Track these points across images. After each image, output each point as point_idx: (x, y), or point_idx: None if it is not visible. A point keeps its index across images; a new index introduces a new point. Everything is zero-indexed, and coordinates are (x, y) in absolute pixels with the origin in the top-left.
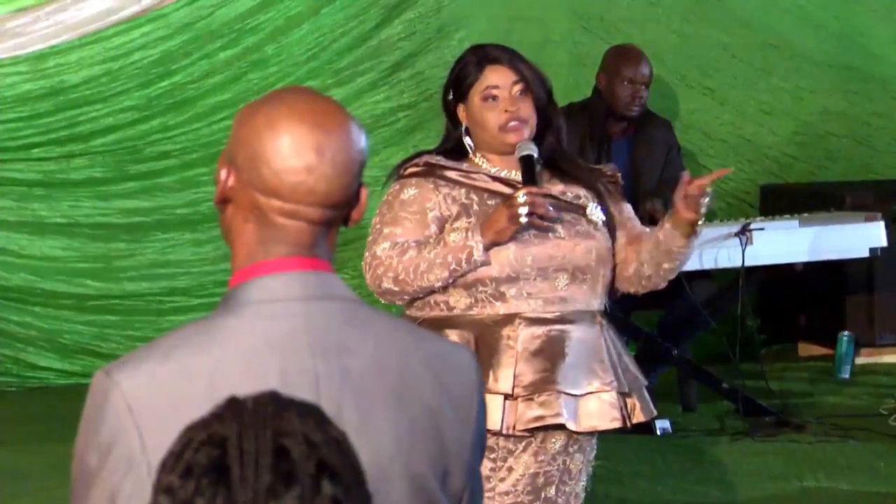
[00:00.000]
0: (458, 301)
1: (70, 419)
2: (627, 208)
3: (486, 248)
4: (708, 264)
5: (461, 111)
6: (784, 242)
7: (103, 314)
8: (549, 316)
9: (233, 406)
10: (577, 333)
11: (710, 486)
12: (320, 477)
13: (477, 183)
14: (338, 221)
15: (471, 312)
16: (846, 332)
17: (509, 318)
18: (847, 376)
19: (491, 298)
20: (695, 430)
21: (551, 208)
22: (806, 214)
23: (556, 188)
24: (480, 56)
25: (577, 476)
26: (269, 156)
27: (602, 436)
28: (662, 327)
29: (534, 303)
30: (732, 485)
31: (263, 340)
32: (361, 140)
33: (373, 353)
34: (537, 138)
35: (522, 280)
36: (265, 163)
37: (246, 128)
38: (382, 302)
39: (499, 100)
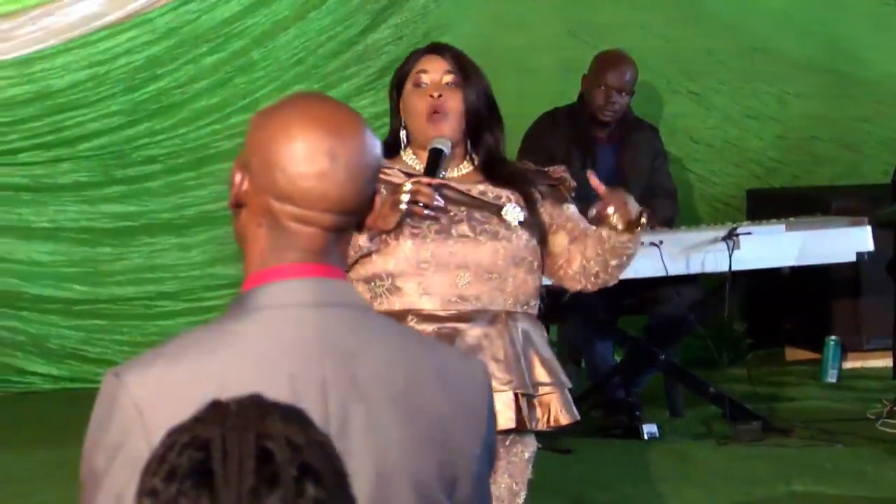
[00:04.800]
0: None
1: (57, 424)
2: (571, 210)
3: (371, 237)
4: (694, 269)
5: (401, 105)
6: (771, 247)
7: (90, 319)
8: (443, 314)
9: (216, 409)
10: (472, 332)
11: (697, 491)
12: (303, 479)
13: (390, 178)
14: (351, 228)
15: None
16: (833, 337)
17: (402, 314)
18: (834, 380)
19: (387, 293)
20: (682, 434)
21: (441, 200)
22: (792, 219)
23: (477, 188)
24: (424, 48)
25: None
26: (282, 161)
27: (589, 440)
28: (649, 332)
29: (430, 300)
30: (719, 489)
31: (273, 345)
32: (376, 147)
33: (382, 360)
34: (473, 140)
35: (420, 276)
36: (279, 168)
37: (260, 133)
38: None
39: (427, 86)
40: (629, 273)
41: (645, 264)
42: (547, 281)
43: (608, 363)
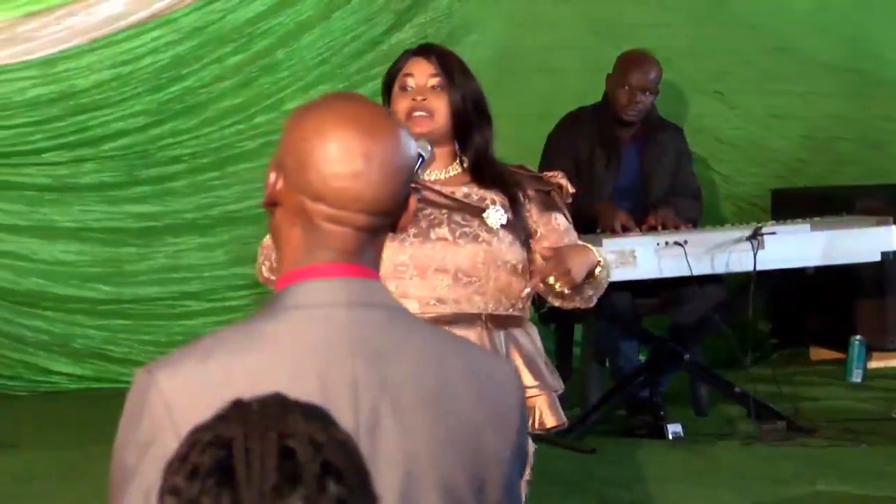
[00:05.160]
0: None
1: (81, 424)
2: (558, 220)
3: None
4: (719, 268)
5: (391, 106)
6: (795, 246)
7: (115, 318)
8: (423, 317)
9: (238, 408)
10: None
11: (722, 491)
12: (325, 477)
13: None
14: (385, 228)
15: None
16: (857, 337)
17: None
18: (858, 380)
19: None
20: (706, 434)
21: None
22: (817, 218)
23: (462, 190)
24: (412, 50)
25: None
26: (316, 161)
27: (613, 440)
28: (673, 331)
29: (408, 303)
30: (744, 489)
31: (304, 345)
32: (410, 148)
33: (413, 361)
34: (462, 142)
35: (397, 279)
36: (312, 168)
37: (295, 132)
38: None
39: (412, 90)
40: (654, 273)
41: (669, 264)
42: None
43: (633, 363)
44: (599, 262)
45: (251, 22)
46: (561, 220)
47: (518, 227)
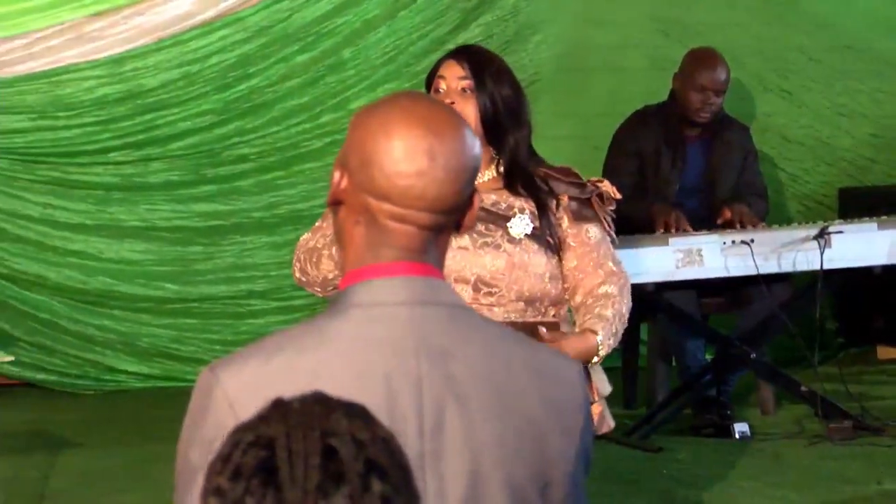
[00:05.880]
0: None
1: (148, 422)
2: (591, 233)
3: None
4: (786, 267)
5: None
6: (862, 245)
7: (181, 317)
8: None
9: (280, 407)
10: None
11: (789, 490)
12: (369, 475)
13: None
14: (449, 227)
15: None
16: None
17: None
18: None
19: None
20: (773, 433)
21: None
22: (885, 217)
23: (491, 197)
24: (448, 52)
25: None
26: (381, 159)
27: (679, 439)
28: (740, 330)
29: None
30: (810, 488)
31: (368, 343)
32: (475, 146)
33: (478, 359)
34: (496, 146)
35: None
36: (377, 166)
37: (360, 131)
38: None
39: (443, 93)
40: (720, 272)
41: (736, 263)
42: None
43: (699, 362)
44: (598, 353)
45: (318, 21)
46: (594, 233)
47: (543, 237)
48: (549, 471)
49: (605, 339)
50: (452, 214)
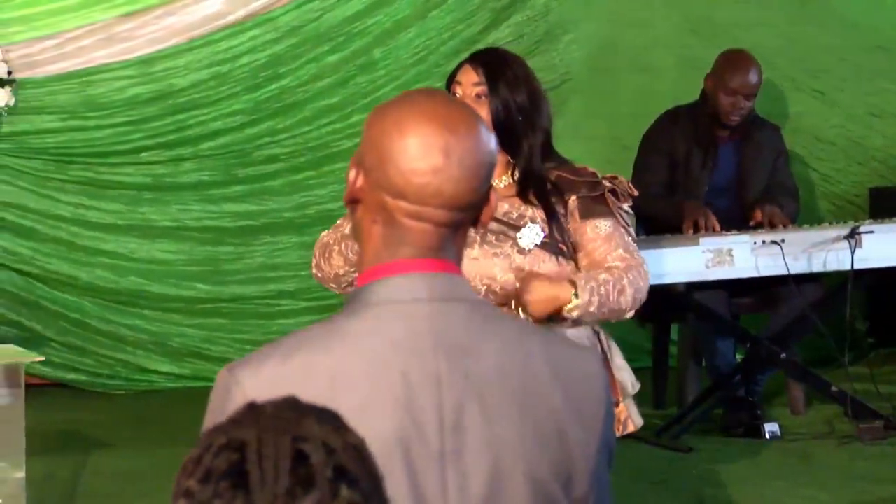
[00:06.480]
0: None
1: (179, 422)
2: (600, 224)
3: None
4: (816, 267)
5: None
6: (893, 245)
7: (212, 317)
8: None
9: (252, 411)
10: None
11: (819, 490)
12: (338, 482)
13: None
14: (466, 224)
15: None
16: None
17: None
18: None
19: None
20: (803, 433)
21: None
22: None
23: (503, 207)
24: (467, 57)
25: None
26: (396, 157)
27: (710, 439)
28: (770, 331)
29: None
30: (841, 488)
31: (387, 341)
32: (491, 143)
33: (497, 355)
34: (511, 152)
35: None
36: (393, 164)
37: (375, 129)
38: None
39: (458, 97)
40: (751, 272)
41: (766, 263)
42: (650, 282)
43: (729, 362)
44: (571, 303)
45: (348, 21)
46: (603, 226)
47: (556, 243)
48: (571, 464)
49: (582, 292)
50: (469, 211)
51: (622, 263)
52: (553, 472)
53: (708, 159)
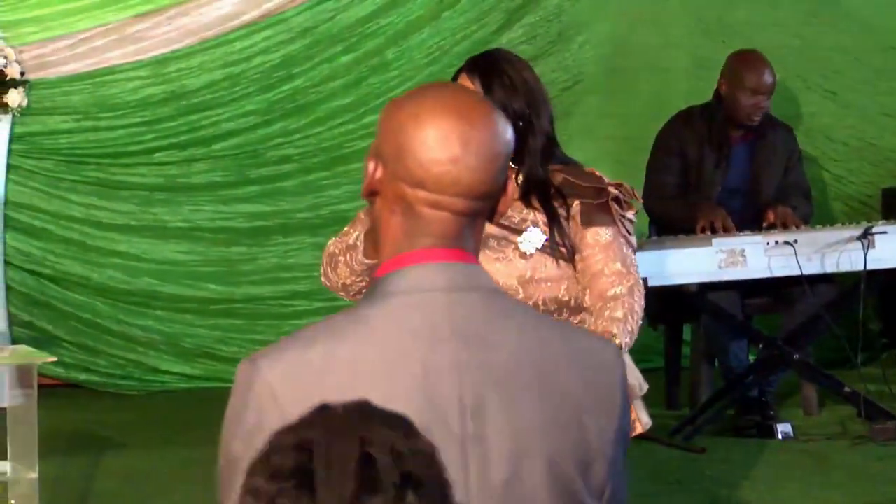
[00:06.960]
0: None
1: (191, 422)
2: (601, 232)
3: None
4: (829, 268)
5: None
6: None
7: (225, 318)
8: None
9: (322, 413)
10: None
11: (832, 491)
12: (405, 487)
13: None
14: (484, 213)
15: None
16: None
17: None
18: None
19: None
20: (816, 434)
21: None
22: None
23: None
24: (464, 64)
25: None
26: (414, 147)
27: (723, 439)
28: (783, 331)
29: None
30: (854, 489)
31: (406, 330)
32: (507, 133)
33: (516, 344)
34: (513, 158)
35: None
36: (411, 154)
37: (392, 121)
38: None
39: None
40: (763, 272)
41: (779, 263)
42: (663, 282)
43: (742, 362)
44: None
45: (361, 22)
46: (603, 234)
47: (558, 247)
48: (590, 451)
49: (621, 339)
50: (487, 200)
51: (623, 288)
52: (572, 459)
53: (721, 160)
